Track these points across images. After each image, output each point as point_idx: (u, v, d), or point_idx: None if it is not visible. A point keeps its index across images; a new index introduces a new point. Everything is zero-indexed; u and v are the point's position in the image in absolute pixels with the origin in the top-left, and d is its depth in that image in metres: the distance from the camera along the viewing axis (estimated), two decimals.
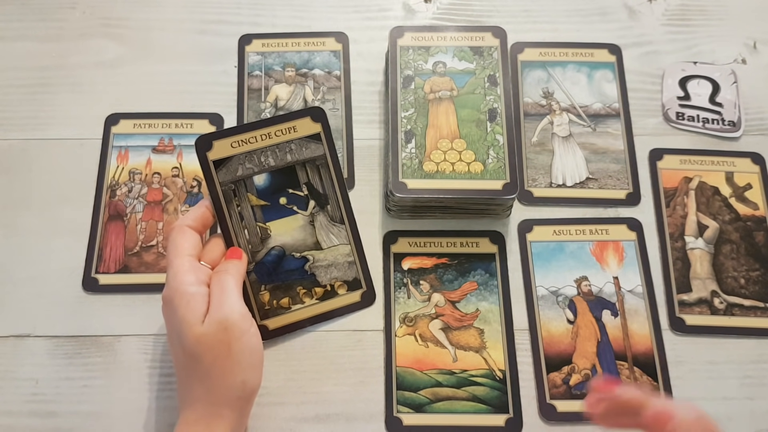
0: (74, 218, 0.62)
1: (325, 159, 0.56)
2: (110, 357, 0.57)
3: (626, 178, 0.64)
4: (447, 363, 0.57)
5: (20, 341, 0.57)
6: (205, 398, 0.46)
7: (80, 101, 0.67)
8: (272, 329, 0.56)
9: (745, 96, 0.68)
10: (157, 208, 0.63)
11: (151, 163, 0.64)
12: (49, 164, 0.64)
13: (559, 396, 0.56)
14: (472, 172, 0.58)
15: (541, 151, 0.65)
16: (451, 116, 0.61)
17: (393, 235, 0.61)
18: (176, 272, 0.48)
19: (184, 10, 0.71)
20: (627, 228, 0.62)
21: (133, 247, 0.61)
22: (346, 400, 0.55)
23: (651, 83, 0.69)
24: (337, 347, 0.57)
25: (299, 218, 0.56)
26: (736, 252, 0.61)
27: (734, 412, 0.55)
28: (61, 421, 0.54)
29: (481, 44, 0.64)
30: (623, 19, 0.72)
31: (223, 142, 0.53)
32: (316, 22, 0.71)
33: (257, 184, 0.55)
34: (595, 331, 0.58)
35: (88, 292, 0.59)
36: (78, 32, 0.70)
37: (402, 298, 0.59)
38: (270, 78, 0.68)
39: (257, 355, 0.49)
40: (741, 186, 0.64)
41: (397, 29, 0.65)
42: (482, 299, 0.59)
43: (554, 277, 0.60)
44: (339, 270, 0.58)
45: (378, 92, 0.68)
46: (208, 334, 0.46)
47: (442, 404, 0.55)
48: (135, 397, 0.55)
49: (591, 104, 0.67)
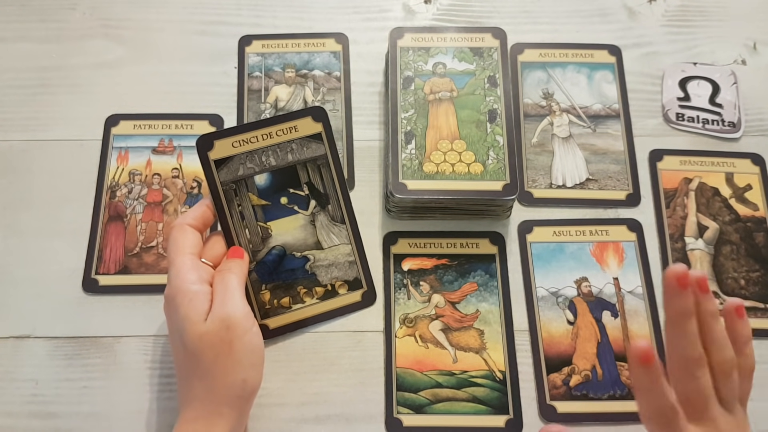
0: (74, 219, 0.62)
1: (326, 159, 0.56)
2: (110, 358, 0.57)
3: (626, 179, 0.64)
4: (447, 364, 0.57)
5: (20, 342, 0.57)
6: (206, 396, 0.46)
7: (80, 102, 0.67)
8: (273, 328, 0.56)
9: (745, 97, 0.68)
10: (157, 209, 0.63)
11: (151, 164, 0.64)
12: (49, 165, 0.64)
13: (560, 397, 0.56)
14: (472, 173, 0.58)
15: (541, 152, 0.65)
16: (451, 117, 0.61)
17: (393, 236, 0.61)
18: (178, 270, 0.48)
19: (184, 11, 0.71)
20: (627, 229, 0.62)
21: (133, 248, 0.61)
22: (346, 400, 0.55)
23: (651, 84, 0.69)
24: (338, 348, 0.57)
25: (300, 218, 0.56)
26: (736, 253, 0.61)
27: None
28: (60, 422, 0.54)
29: (481, 45, 0.64)
30: (623, 20, 0.72)
31: (225, 142, 0.53)
32: (316, 23, 0.71)
33: (258, 183, 0.55)
34: (595, 332, 0.58)
35: (88, 293, 0.59)
36: (78, 33, 0.70)
37: (402, 299, 0.59)
38: (270, 79, 0.68)
39: (258, 354, 0.49)
40: (741, 187, 0.64)
41: (397, 30, 0.65)
42: (482, 300, 0.59)
43: (554, 278, 0.60)
44: (340, 270, 0.58)
45: (378, 93, 0.68)
46: (210, 332, 0.46)
47: (442, 405, 0.55)
48: (135, 398, 0.55)
49: (591, 105, 0.67)
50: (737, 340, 0.44)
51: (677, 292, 0.41)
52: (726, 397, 0.43)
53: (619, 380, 0.56)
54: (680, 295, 0.41)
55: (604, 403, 0.55)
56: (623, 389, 0.56)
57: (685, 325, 0.41)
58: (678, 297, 0.41)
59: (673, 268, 0.41)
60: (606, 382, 0.56)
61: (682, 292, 0.41)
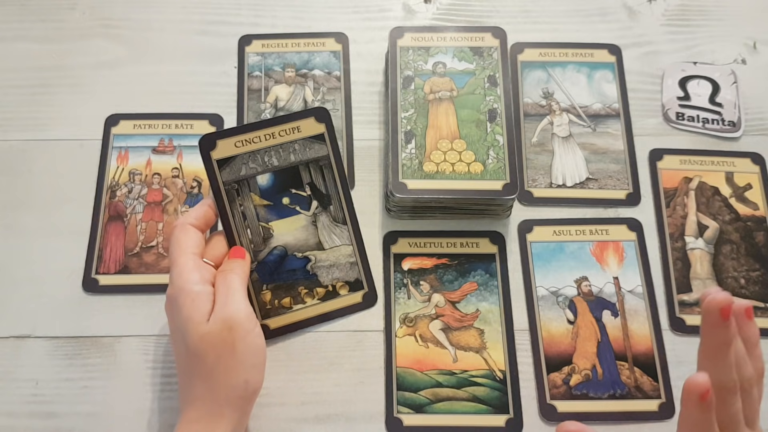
0: (74, 219, 0.62)
1: (328, 159, 0.56)
2: (110, 358, 0.57)
3: (626, 179, 0.64)
4: (447, 363, 0.57)
5: (20, 342, 0.57)
6: (207, 397, 0.46)
7: (80, 102, 0.67)
8: (273, 329, 0.56)
9: (745, 96, 0.68)
10: (157, 208, 0.63)
11: (151, 164, 0.64)
12: (49, 165, 0.64)
13: (560, 396, 0.56)
14: (472, 172, 0.58)
15: (541, 152, 0.65)
16: (451, 117, 0.61)
17: (393, 236, 0.61)
18: (181, 271, 0.48)
19: (184, 11, 0.71)
20: (627, 228, 0.62)
21: (133, 247, 0.61)
22: (347, 400, 0.55)
23: (651, 83, 0.69)
24: (338, 348, 0.57)
25: (302, 218, 0.56)
26: (736, 252, 0.61)
27: None
28: (61, 422, 0.54)
29: (481, 45, 0.64)
30: (623, 19, 0.72)
31: (227, 142, 0.53)
32: (315, 23, 0.71)
33: (260, 183, 0.55)
34: (595, 332, 0.58)
35: (88, 292, 0.59)
36: (78, 33, 0.70)
37: (402, 298, 0.59)
38: (270, 78, 0.68)
39: (260, 355, 0.49)
40: (741, 186, 0.64)
41: (397, 30, 0.65)
42: (482, 300, 0.59)
43: (554, 277, 0.60)
44: (341, 271, 0.58)
45: (378, 93, 0.68)
46: (212, 333, 0.46)
47: (443, 405, 0.55)
48: (135, 398, 0.55)
49: (591, 104, 0.67)
50: (747, 342, 0.41)
51: (719, 322, 0.38)
52: (749, 416, 0.41)
53: (619, 380, 0.56)
54: (722, 326, 0.38)
55: (604, 402, 0.55)
56: (623, 388, 0.56)
57: (726, 354, 0.38)
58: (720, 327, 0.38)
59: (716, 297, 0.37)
60: (606, 382, 0.56)
61: (724, 323, 0.37)
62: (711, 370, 0.38)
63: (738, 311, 0.40)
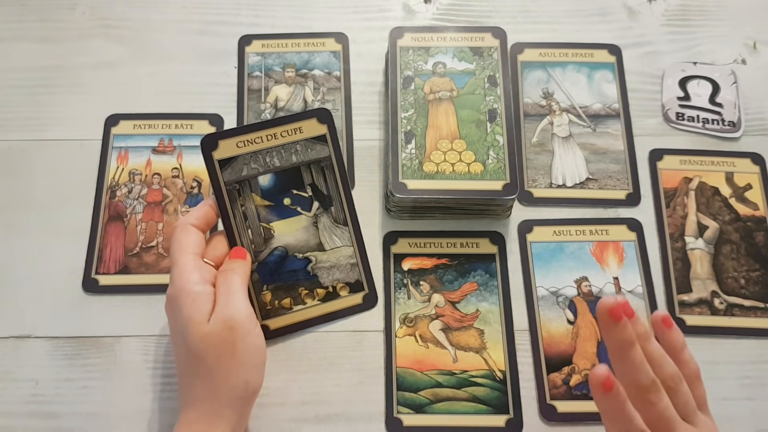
0: (74, 219, 0.62)
1: (330, 161, 0.56)
2: (110, 358, 0.57)
3: (626, 179, 0.64)
4: (447, 363, 0.57)
5: (20, 342, 0.57)
6: (207, 397, 0.46)
7: (80, 102, 0.67)
8: (273, 329, 0.56)
9: (745, 96, 0.68)
10: (157, 208, 0.63)
11: (151, 164, 0.64)
12: (49, 165, 0.64)
13: (560, 396, 0.56)
14: (472, 172, 0.58)
15: (541, 152, 0.65)
16: (450, 117, 0.61)
17: (393, 236, 0.61)
18: (181, 271, 0.48)
19: (184, 11, 0.71)
20: (627, 228, 0.62)
21: (133, 247, 0.61)
22: (347, 400, 0.55)
23: (651, 84, 0.69)
24: (338, 348, 0.57)
25: (303, 219, 0.56)
26: (736, 252, 0.61)
27: (734, 413, 0.55)
28: (61, 422, 0.54)
29: (481, 45, 0.64)
30: (623, 19, 0.72)
31: (229, 142, 0.53)
32: (315, 23, 0.71)
33: (262, 184, 0.55)
34: (595, 332, 0.58)
35: (88, 292, 0.59)
36: (78, 33, 0.70)
37: (402, 298, 0.59)
38: (270, 79, 0.68)
39: (261, 356, 0.49)
40: (741, 186, 0.64)
41: (397, 30, 0.65)
42: (482, 300, 0.59)
43: (554, 277, 0.60)
44: (341, 272, 0.58)
45: (378, 93, 0.68)
46: (213, 333, 0.46)
47: (443, 405, 0.55)
48: (135, 398, 0.55)
49: (591, 105, 0.67)
50: (672, 349, 0.45)
51: (612, 323, 0.41)
52: (683, 412, 0.43)
53: None
54: (616, 326, 0.41)
55: None
56: None
57: (629, 353, 0.41)
58: (614, 328, 0.41)
59: (604, 301, 0.41)
60: None
61: (617, 323, 0.41)
62: (621, 369, 0.42)
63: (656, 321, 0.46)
